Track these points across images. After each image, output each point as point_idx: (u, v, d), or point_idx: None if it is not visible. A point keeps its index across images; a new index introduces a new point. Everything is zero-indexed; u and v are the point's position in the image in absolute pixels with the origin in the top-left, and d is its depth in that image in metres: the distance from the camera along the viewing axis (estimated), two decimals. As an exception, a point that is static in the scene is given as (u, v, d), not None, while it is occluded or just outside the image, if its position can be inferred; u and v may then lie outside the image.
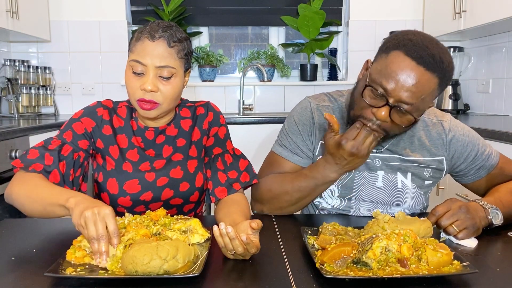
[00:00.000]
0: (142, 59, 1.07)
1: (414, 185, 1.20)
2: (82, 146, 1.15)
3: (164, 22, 1.12)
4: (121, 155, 1.18)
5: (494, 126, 1.98)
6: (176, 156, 1.21)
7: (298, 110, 1.26)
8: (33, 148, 1.11)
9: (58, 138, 1.14)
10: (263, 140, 2.73)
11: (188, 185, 1.20)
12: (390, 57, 1.00)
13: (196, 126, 1.25)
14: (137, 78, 1.08)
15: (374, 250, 0.76)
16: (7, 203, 1.08)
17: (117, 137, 1.19)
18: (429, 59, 0.97)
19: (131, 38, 1.13)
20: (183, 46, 1.11)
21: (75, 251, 0.83)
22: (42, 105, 3.05)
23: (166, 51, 1.07)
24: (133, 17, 3.28)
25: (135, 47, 1.09)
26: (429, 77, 0.97)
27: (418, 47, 0.98)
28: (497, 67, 2.82)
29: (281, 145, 1.26)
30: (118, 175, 1.16)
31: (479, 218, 0.98)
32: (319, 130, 1.22)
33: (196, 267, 0.78)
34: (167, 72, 1.08)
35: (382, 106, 1.01)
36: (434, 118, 1.22)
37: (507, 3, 2.25)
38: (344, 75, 3.43)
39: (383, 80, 0.99)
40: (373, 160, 1.19)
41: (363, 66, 1.12)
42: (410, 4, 3.23)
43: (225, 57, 3.38)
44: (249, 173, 1.20)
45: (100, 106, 1.21)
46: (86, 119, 1.18)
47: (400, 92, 0.98)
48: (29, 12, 2.74)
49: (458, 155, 1.19)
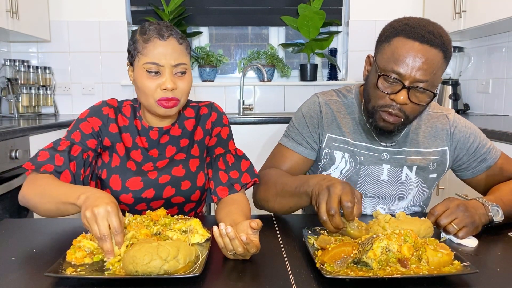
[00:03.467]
0: (158, 60, 1.08)
1: (418, 179, 1.23)
2: (91, 145, 1.16)
3: (160, 22, 1.13)
4: (126, 153, 1.20)
5: (494, 126, 1.98)
6: (178, 156, 1.22)
7: (307, 104, 1.30)
8: (43, 150, 1.12)
9: (66, 139, 1.15)
10: (263, 140, 2.73)
11: (189, 184, 1.20)
12: (393, 44, 1.05)
13: (199, 126, 1.25)
14: (153, 79, 1.09)
15: (374, 250, 0.76)
16: (7, 203, 1.08)
17: (122, 136, 1.20)
18: (430, 36, 1.02)
19: (132, 41, 1.12)
20: (187, 43, 1.14)
21: (75, 251, 0.83)
22: (42, 105, 3.05)
23: (178, 48, 1.10)
24: (133, 17, 3.28)
25: (146, 49, 1.08)
26: (434, 52, 1.03)
27: (416, 28, 1.04)
28: (497, 67, 2.82)
29: (287, 136, 1.29)
30: (122, 172, 1.17)
31: (478, 216, 0.98)
32: (327, 123, 1.24)
33: (196, 267, 0.78)
34: (181, 68, 1.10)
35: (399, 91, 1.05)
36: (439, 111, 1.27)
37: (507, 3, 2.25)
38: (344, 75, 3.42)
39: (394, 66, 1.04)
40: (381, 154, 1.21)
41: (366, 62, 1.17)
42: (410, 4, 3.23)
43: (225, 57, 3.38)
44: (250, 174, 1.20)
45: (106, 105, 1.22)
46: (93, 119, 1.19)
47: (412, 72, 1.03)
48: (29, 12, 2.73)
49: (461, 145, 1.23)
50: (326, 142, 1.24)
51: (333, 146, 1.23)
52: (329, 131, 1.24)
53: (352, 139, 1.22)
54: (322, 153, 1.24)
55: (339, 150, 1.23)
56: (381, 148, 1.21)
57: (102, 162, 1.20)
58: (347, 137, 1.22)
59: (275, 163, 1.27)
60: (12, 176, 1.98)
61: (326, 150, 1.23)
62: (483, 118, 2.60)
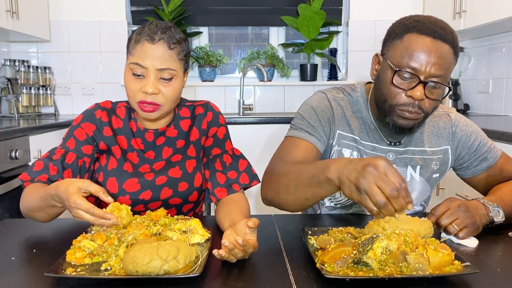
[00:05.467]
0: (143, 61, 1.06)
1: (422, 179, 1.24)
2: (86, 151, 1.16)
3: (162, 22, 1.11)
4: (123, 155, 1.19)
5: (494, 126, 1.98)
6: (175, 157, 1.22)
7: (315, 99, 1.24)
8: (38, 160, 1.12)
9: (61, 147, 1.16)
10: (263, 140, 2.72)
11: (186, 185, 1.20)
12: (406, 40, 1.06)
13: (195, 126, 1.25)
14: (137, 80, 1.08)
15: (374, 250, 0.76)
16: (7, 203, 1.09)
17: (117, 138, 1.20)
18: (441, 32, 1.04)
19: (128, 39, 1.12)
20: (182, 48, 1.11)
21: (75, 251, 0.83)
22: (42, 105, 3.05)
23: (167, 53, 1.08)
24: (133, 17, 3.28)
25: (134, 50, 1.08)
26: (446, 47, 1.04)
27: (428, 24, 1.05)
28: (497, 67, 2.82)
29: (295, 128, 1.19)
30: (118, 175, 1.17)
31: (479, 216, 0.98)
32: (338, 119, 1.21)
33: (196, 267, 0.78)
34: (167, 74, 1.08)
35: (415, 86, 1.05)
36: (441, 110, 1.28)
37: (507, 3, 2.25)
38: (344, 75, 3.42)
39: (409, 61, 1.04)
40: (387, 154, 1.21)
41: (374, 62, 1.16)
42: (410, 4, 3.23)
43: (225, 57, 3.38)
44: (248, 174, 1.20)
45: (98, 109, 1.21)
46: (86, 124, 1.18)
47: (428, 67, 1.03)
48: (29, 12, 2.73)
49: (463, 144, 1.24)
50: (337, 139, 1.21)
51: (343, 144, 1.21)
52: (339, 128, 1.21)
53: (360, 138, 1.21)
54: (332, 150, 1.22)
55: (348, 148, 1.21)
56: (386, 148, 1.21)
57: (99, 165, 1.20)
58: (356, 136, 1.21)
59: (285, 155, 1.14)
60: (12, 176, 1.98)
61: (336, 147, 1.21)
62: (483, 118, 2.59)
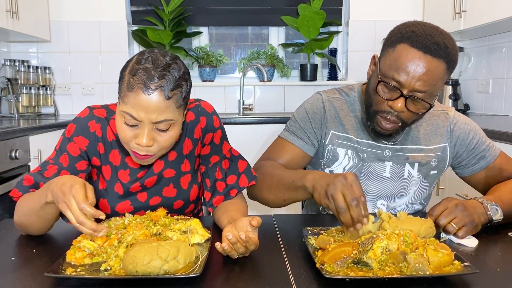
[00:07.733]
0: (136, 114, 0.93)
1: (420, 176, 1.25)
2: (81, 167, 1.09)
3: (160, 61, 0.95)
4: (113, 175, 1.12)
5: (494, 126, 1.98)
6: (167, 172, 1.14)
7: (310, 101, 1.31)
8: (28, 175, 1.05)
9: (54, 162, 1.08)
10: (263, 140, 2.72)
11: (182, 202, 1.17)
12: (397, 51, 1.05)
13: (187, 137, 1.15)
14: (130, 129, 0.97)
15: (374, 250, 0.76)
16: (7, 203, 1.08)
17: (110, 154, 1.12)
18: (434, 47, 1.02)
19: (120, 76, 0.98)
20: (181, 91, 0.96)
21: (75, 251, 0.83)
22: (42, 105, 3.05)
23: (164, 104, 0.93)
24: (133, 17, 3.27)
25: (127, 98, 0.93)
26: (437, 63, 1.02)
27: (422, 37, 1.03)
28: (497, 67, 2.82)
29: (287, 130, 1.30)
30: (109, 197, 1.12)
31: (477, 215, 0.99)
32: (330, 120, 1.25)
33: (196, 267, 0.78)
34: (164, 125, 0.96)
35: (397, 98, 1.06)
36: (440, 109, 1.29)
37: (507, 3, 2.25)
38: (344, 75, 3.42)
39: (395, 74, 1.05)
40: (383, 151, 1.23)
41: (371, 62, 1.18)
42: (410, 4, 3.23)
43: (225, 57, 3.38)
44: (247, 175, 1.17)
45: (92, 119, 1.10)
46: (79, 138, 1.09)
47: (412, 82, 1.03)
48: (29, 12, 2.73)
49: (461, 142, 1.25)
50: (330, 139, 1.24)
51: (337, 143, 1.24)
52: (332, 128, 1.25)
53: (355, 136, 1.23)
54: (326, 150, 1.25)
55: (342, 147, 1.24)
56: (383, 145, 1.23)
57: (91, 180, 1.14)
58: (350, 134, 1.24)
59: (273, 155, 1.27)
60: (12, 176, 1.98)
61: (330, 146, 1.24)
62: (483, 118, 2.59)
